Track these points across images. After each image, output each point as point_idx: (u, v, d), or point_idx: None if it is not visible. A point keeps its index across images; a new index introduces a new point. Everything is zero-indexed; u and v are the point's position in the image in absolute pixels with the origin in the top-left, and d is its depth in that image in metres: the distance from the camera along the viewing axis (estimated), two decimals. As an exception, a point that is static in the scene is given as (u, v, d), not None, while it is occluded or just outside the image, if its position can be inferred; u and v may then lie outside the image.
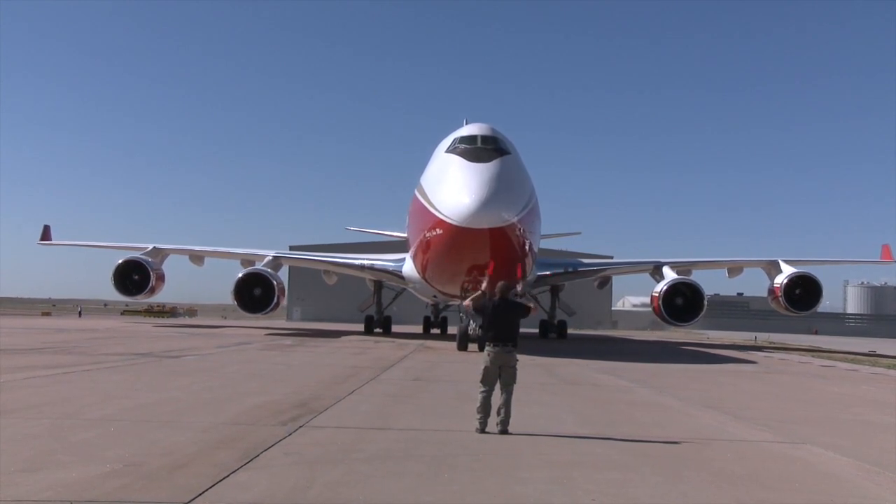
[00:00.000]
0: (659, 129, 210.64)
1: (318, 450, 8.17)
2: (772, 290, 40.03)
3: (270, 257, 40.98)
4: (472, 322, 24.98)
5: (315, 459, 7.70)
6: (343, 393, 13.41)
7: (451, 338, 34.23)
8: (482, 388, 9.97)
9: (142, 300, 44.89)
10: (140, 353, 21.82)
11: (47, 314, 68.22)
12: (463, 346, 26.33)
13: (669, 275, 38.02)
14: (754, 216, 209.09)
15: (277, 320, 66.13)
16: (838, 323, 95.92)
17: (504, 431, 9.68)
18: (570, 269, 43.27)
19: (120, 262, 40.78)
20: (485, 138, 27.25)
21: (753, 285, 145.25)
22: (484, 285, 11.47)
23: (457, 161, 26.16)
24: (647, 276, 41.78)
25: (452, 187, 25.16)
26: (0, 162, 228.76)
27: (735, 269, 45.95)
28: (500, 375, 10.04)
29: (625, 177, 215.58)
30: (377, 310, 43.69)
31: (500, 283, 10.89)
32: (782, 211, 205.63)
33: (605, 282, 48.82)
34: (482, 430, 9.66)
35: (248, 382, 14.94)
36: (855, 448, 9.75)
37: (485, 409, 9.83)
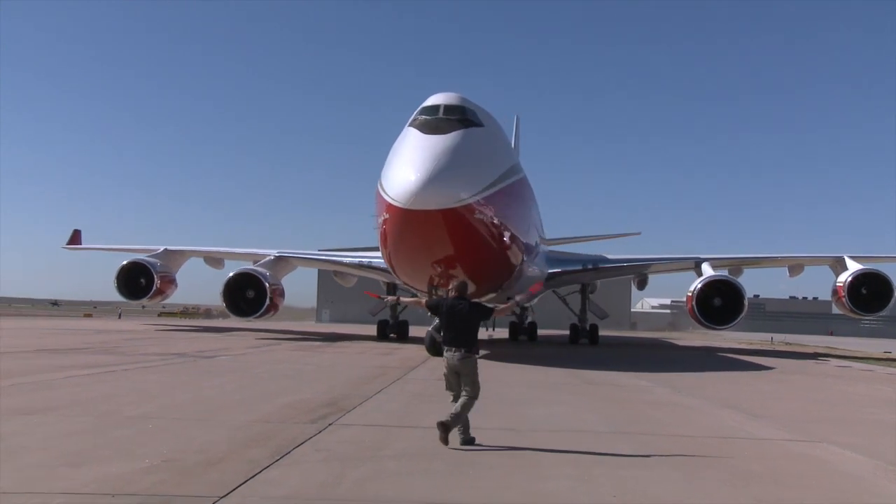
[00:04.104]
0: (717, 131, 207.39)
1: (346, 447, 8.17)
2: (835, 290, 34.60)
3: (272, 257, 38.10)
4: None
5: (344, 456, 7.70)
6: (371, 392, 13.43)
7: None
8: (450, 397, 8.94)
9: (147, 303, 42.06)
10: (175, 353, 21.98)
11: (89, 315, 68.84)
12: (434, 351, 22.10)
13: (708, 272, 33.87)
14: (818, 213, 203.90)
15: (306, 322, 66.42)
16: (853, 324, 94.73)
17: (466, 441, 8.52)
18: (591, 267, 38.25)
19: (124, 263, 38.76)
20: (449, 108, 22.64)
21: (769, 287, 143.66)
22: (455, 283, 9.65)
23: (412, 134, 21.78)
24: (667, 277, 39.23)
25: (399, 164, 20.76)
26: (23, 166, 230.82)
27: (796, 266, 40.28)
28: (460, 382, 8.80)
29: (686, 178, 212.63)
30: (392, 313, 38.63)
31: (456, 281, 9.72)
32: (850, 207, 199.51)
33: (644, 281, 43.09)
34: (443, 439, 8.40)
35: (279, 382, 15.01)
36: (871, 447, 9.63)
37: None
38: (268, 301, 33.62)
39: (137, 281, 38.58)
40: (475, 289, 21.48)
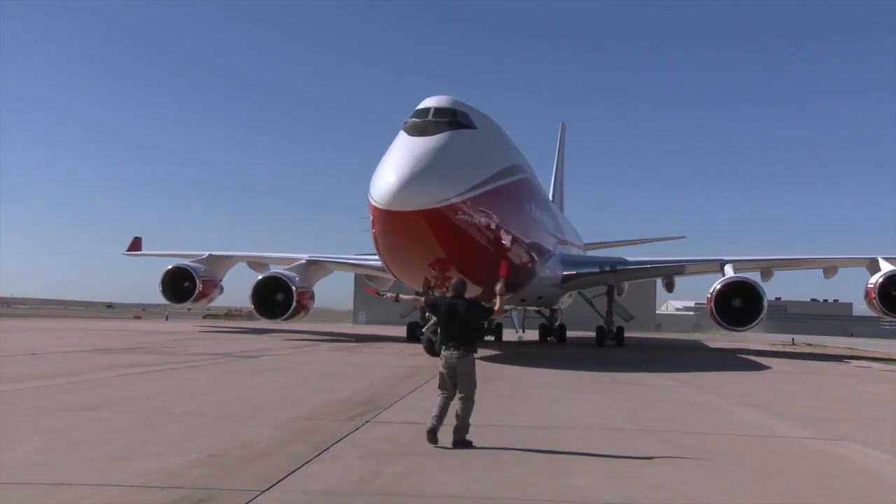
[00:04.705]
0: (761, 135, 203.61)
1: (383, 444, 8.19)
2: (866, 292, 32.95)
3: (304, 261, 37.61)
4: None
5: (380, 452, 7.72)
6: (405, 391, 13.44)
7: (507, 345, 33.98)
8: (439, 392, 8.57)
9: (191, 306, 42.32)
10: (220, 353, 22.18)
11: (138, 318, 69.76)
12: (431, 352, 21.49)
13: (730, 274, 32.53)
14: (854, 214, 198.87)
15: (344, 324, 66.72)
16: (873, 326, 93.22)
17: (458, 443, 8.14)
18: (608, 269, 36.38)
19: (168, 268, 39.18)
20: (439, 110, 21.75)
21: (789, 290, 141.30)
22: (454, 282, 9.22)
23: (400, 137, 20.95)
24: (695, 279, 37.55)
25: (382, 166, 20.01)
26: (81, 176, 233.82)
27: (830, 268, 38.20)
28: (457, 382, 8.49)
29: (730, 182, 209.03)
30: (422, 315, 37.40)
31: (454, 280, 9.31)
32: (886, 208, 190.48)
33: (671, 284, 41.22)
34: (431, 439, 8.12)
35: (318, 381, 15.08)
36: (893, 445, 9.46)
37: (438, 414, 8.31)
38: (294, 303, 33.50)
39: (182, 285, 38.82)
40: (480, 291, 20.71)
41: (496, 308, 9.25)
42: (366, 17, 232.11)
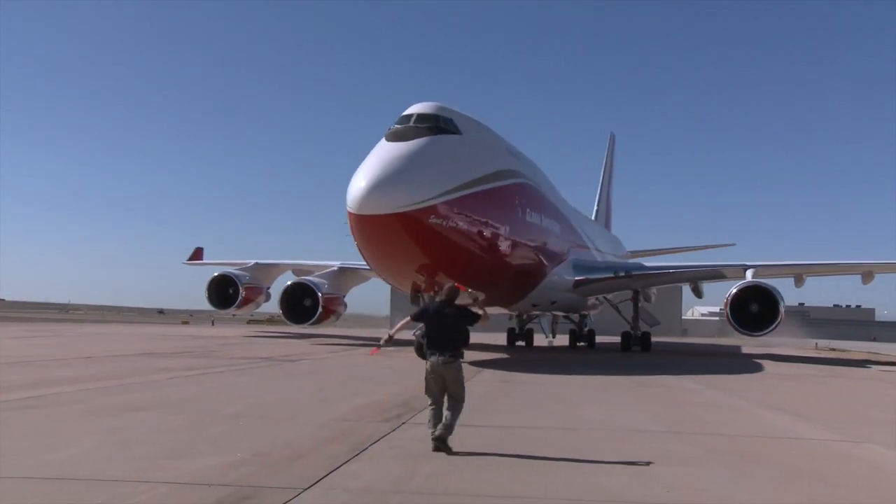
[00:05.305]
0: (809, 140, 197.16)
1: (418, 444, 8.17)
2: None
3: (335, 268, 36.68)
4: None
5: (416, 453, 7.72)
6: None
7: (538, 350, 33.80)
8: (428, 402, 8.20)
9: (236, 312, 42.22)
10: (263, 357, 22.32)
11: (186, 323, 70.47)
12: (422, 356, 20.97)
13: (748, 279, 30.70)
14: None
15: (382, 329, 66.79)
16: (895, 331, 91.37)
17: (439, 447, 7.75)
18: (622, 274, 34.72)
19: (214, 275, 38.81)
20: (422, 116, 20.84)
21: (813, 296, 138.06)
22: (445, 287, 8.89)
23: (379, 143, 20.03)
24: (720, 285, 35.65)
25: (357, 171, 19.11)
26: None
27: (867, 273, 35.65)
28: (446, 388, 8.14)
29: (777, 187, 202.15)
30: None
31: (447, 285, 8.95)
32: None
33: (698, 289, 38.53)
34: (440, 447, 7.80)
35: (356, 384, 15.12)
36: (917, 449, 9.26)
37: (433, 423, 7.99)
38: (321, 309, 33.20)
39: (226, 291, 38.82)
40: (484, 296, 20.09)
41: (482, 314, 8.88)
42: (417, 36, 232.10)
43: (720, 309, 36.54)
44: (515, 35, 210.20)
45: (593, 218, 53.80)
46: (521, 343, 36.72)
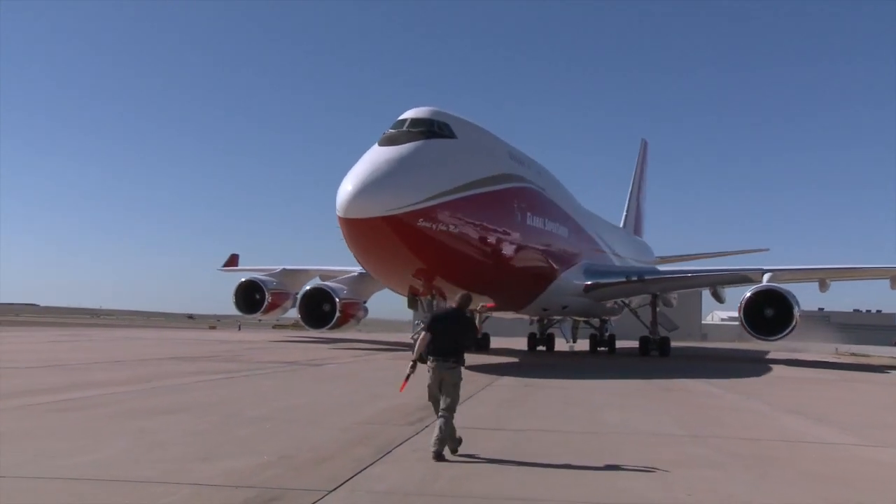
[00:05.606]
0: (841, 145, 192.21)
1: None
2: None
3: (356, 273, 35.28)
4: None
5: (439, 455, 7.71)
6: (462, 398, 13.37)
7: (559, 355, 33.57)
8: (436, 415, 8.08)
9: (262, 317, 42.34)
10: (289, 361, 22.40)
11: (213, 328, 70.92)
12: (421, 359, 20.45)
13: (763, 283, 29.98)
14: None
15: (405, 333, 66.77)
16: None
17: (439, 456, 7.57)
18: (634, 279, 33.85)
19: (241, 281, 38.89)
20: (416, 121, 20.62)
21: (834, 301, 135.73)
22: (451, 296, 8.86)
23: (371, 148, 19.77)
24: (741, 290, 35.47)
25: (346, 176, 18.88)
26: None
27: (894, 278, 34.08)
28: (441, 391, 8.13)
29: (817, 193, 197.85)
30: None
31: (460, 294, 8.95)
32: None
33: (717, 294, 37.41)
34: (446, 453, 7.71)
35: (380, 387, 15.10)
36: (940, 454, 9.10)
37: (440, 435, 7.76)
38: (339, 313, 32.96)
39: (253, 297, 38.92)
40: (493, 302, 19.54)
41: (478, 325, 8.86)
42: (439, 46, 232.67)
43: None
44: (548, 42, 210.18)
45: (621, 224, 53.24)
46: (541, 348, 36.53)
